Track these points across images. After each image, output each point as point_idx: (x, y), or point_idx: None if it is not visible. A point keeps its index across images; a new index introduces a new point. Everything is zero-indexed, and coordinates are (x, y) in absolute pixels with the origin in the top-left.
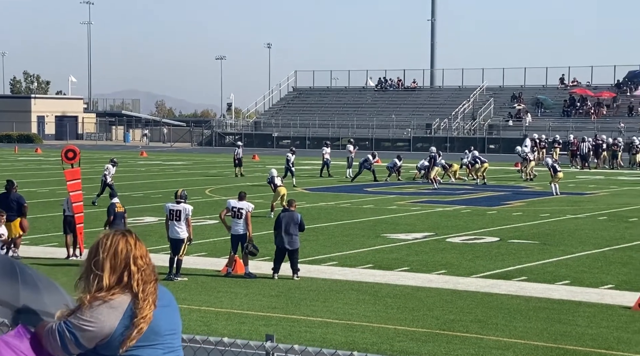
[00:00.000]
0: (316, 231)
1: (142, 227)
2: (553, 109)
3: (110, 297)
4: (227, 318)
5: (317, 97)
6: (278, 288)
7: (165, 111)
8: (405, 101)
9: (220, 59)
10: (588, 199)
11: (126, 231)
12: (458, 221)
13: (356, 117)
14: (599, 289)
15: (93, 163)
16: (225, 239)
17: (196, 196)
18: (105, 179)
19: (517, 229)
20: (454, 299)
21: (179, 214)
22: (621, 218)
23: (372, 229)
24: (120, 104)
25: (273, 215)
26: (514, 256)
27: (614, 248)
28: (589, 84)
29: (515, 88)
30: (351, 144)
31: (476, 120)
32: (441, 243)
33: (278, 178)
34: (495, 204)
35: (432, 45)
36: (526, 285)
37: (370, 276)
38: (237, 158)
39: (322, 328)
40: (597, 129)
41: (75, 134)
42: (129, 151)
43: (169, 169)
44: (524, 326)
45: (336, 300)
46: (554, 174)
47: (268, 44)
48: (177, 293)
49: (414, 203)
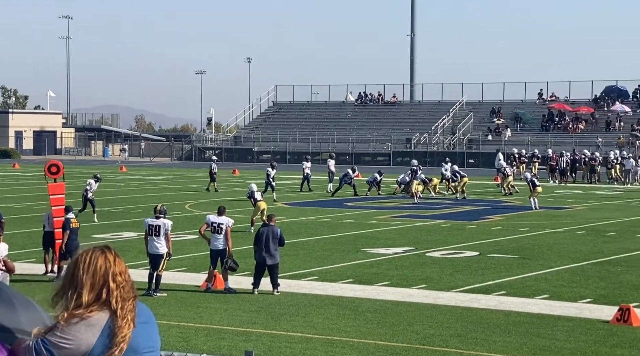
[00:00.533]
0: (296, 246)
1: (121, 242)
2: (532, 123)
3: (88, 314)
4: (206, 333)
5: (297, 111)
6: (258, 303)
7: (145, 125)
8: (385, 115)
9: (200, 74)
10: (566, 213)
11: (105, 247)
12: (438, 235)
13: (336, 131)
14: (578, 303)
15: (72, 178)
16: (205, 254)
17: (176, 211)
18: (86, 194)
19: (496, 243)
20: (433, 313)
21: (158, 230)
22: (599, 232)
23: (353, 244)
24: (100, 119)
25: (253, 230)
26: (494, 270)
27: (592, 262)
28: (567, 99)
29: (495, 103)
30: (332, 158)
31: (456, 134)
32: (421, 258)
33: (258, 193)
34: (474, 218)
35: (411, 60)
36: (505, 299)
37: (350, 291)
38: (213, 172)
39: (302, 344)
40: (575, 144)
41: (53, 149)
42: (108, 166)
43: (149, 184)
44: (504, 341)
45: (316, 314)
46: (533, 188)
47: (248, 58)
48: (156, 309)
49: (394, 218)
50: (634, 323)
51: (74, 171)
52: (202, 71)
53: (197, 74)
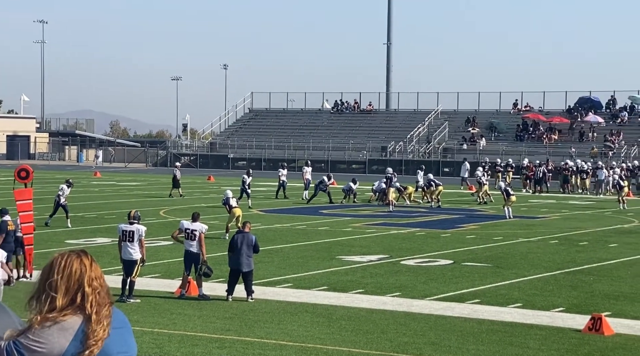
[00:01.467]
0: (271, 253)
1: (95, 248)
2: (506, 133)
3: (61, 318)
4: (180, 340)
5: (273, 118)
6: (232, 310)
7: (120, 131)
8: (361, 123)
9: (176, 80)
10: (540, 222)
11: (81, 251)
12: (413, 243)
13: (312, 139)
14: (550, 312)
15: (45, 183)
16: (179, 261)
17: (150, 217)
18: (58, 200)
19: (470, 252)
20: (407, 321)
21: (132, 235)
22: (572, 241)
23: (327, 251)
24: (74, 124)
25: (228, 236)
26: (468, 279)
27: (565, 272)
28: (541, 109)
29: (470, 112)
30: (308, 166)
31: (431, 143)
32: (396, 266)
33: (233, 199)
34: (449, 227)
35: (387, 69)
36: (479, 308)
37: (324, 299)
38: (176, 179)
39: (276, 351)
40: (549, 154)
41: (27, 154)
42: (83, 171)
43: (123, 189)
44: (477, 349)
45: (290, 322)
46: (507, 197)
47: (225, 65)
48: (130, 315)
49: (369, 225)
50: (605, 332)
51: (48, 176)
52: (178, 77)
53: (173, 80)
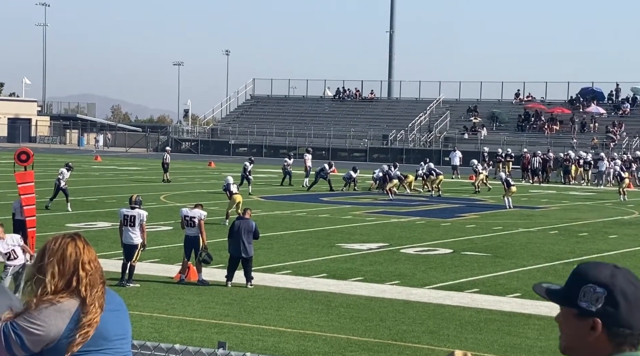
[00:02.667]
0: (271, 240)
1: (95, 232)
2: (508, 123)
3: (58, 300)
4: (179, 325)
5: (274, 105)
6: (231, 296)
7: (121, 115)
8: (363, 111)
9: (178, 65)
10: (540, 213)
11: (75, 234)
12: (412, 232)
13: (313, 126)
14: (549, 302)
15: (46, 167)
16: (179, 246)
17: (151, 202)
18: (58, 183)
19: (470, 241)
20: (406, 310)
21: (133, 220)
22: (572, 232)
23: (327, 239)
24: (75, 108)
25: (228, 223)
26: (467, 268)
27: (564, 262)
28: (543, 99)
29: (471, 102)
30: (309, 153)
31: (432, 132)
32: (395, 254)
33: (234, 186)
34: (449, 216)
35: (390, 57)
36: (478, 297)
37: (324, 286)
38: (165, 163)
39: (274, 337)
40: (551, 145)
41: (28, 137)
42: (84, 155)
43: (124, 174)
44: (475, 338)
45: (289, 308)
46: (508, 188)
47: (226, 51)
48: (129, 299)
49: (369, 214)
50: None
51: (48, 159)
52: (180, 63)
53: (175, 65)
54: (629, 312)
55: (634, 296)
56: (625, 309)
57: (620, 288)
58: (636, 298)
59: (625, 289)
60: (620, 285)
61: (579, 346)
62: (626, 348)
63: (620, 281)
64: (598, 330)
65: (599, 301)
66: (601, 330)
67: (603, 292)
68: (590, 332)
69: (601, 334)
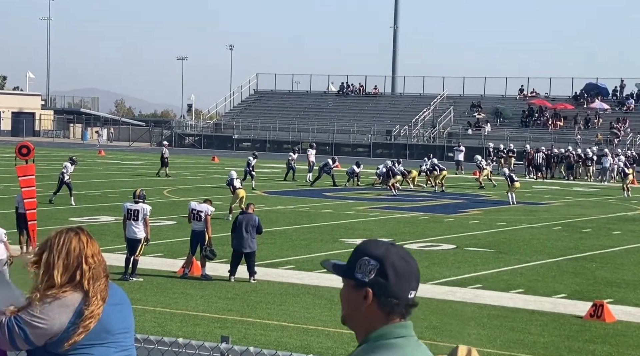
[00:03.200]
0: (274, 235)
1: (98, 226)
2: (512, 119)
3: (61, 294)
4: (182, 319)
5: (278, 100)
6: (234, 291)
7: (125, 110)
8: (366, 106)
9: (182, 60)
10: (544, 209)
11: (78, 228)
12: (415, 227)
13: (317, 121)
14: (552, 298)
15: (50, 161)
16: (182, 241)
17: (154, 197)
18: (62, 177)
19: (473, 237)
20: None
21: (137, 214)
22: (575, 228)
23: (330, 234)
24: (79, 102)
25: (231, 217)
26: (470, 263)
27: (568, 258)
28: (547, 95)
29: (475, 97)
30: (312, 148)
31: (436, 128)
32: None
33: (237, 180)
34: (452, 211)
35: (394, 52)
36: (481, 293)
37: (327, 281)
38: (164, 158)
39: (277, 331)
40: (554, 140)
41: (32, 131)
42: (87, 150)
43: (127, 168)
44: (478, 334)
45: (292, 303)
46: (511, 183)
47: (230, 45)
48: (132, 294)
49: (373, 209)
50: (607, 319)
51: (52, 153)
52: (183, 57)
53: (179, 60)
54: (397, 284)
55: (403, 270)
56: (394, 281)
57: (391, 261)
58: (405, 272)
59: (396, 263)
60: (392, 259)
61: (355, 315)
62: (396, 318)
63: (392, 256)
64: (369, 298)
65: (372, 272)
66: (372, 299)
67: (376, 264)
68: (363, 301)
69: (372, 303)
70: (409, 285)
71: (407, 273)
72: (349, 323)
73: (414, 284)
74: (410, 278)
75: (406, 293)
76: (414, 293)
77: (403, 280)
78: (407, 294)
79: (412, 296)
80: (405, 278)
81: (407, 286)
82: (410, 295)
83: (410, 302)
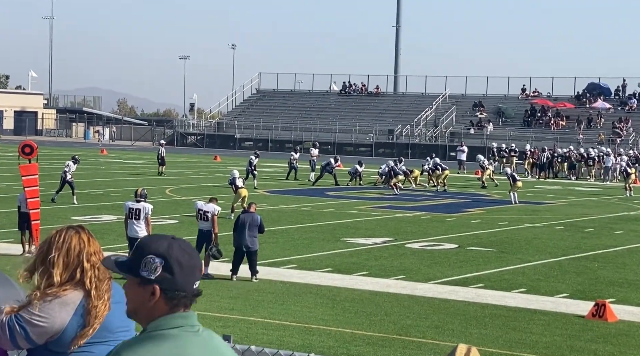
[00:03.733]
0: (276, 234)
1: (100, 225)
2: (514, 118)
3: (62, 293)
4: None
5: (280, 99)
6: (236, 290)
7: (127, 109)
8: (369, 106)
9: (184, 59)
10: (546, 208)
11: (79, 227)
12: (418, 227)
13: (319, 121)
14: (554, 297)
15: (52, 160)
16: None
17: (156, 196)
18: (65, 176)
19: (475, 236)
20: (411, 304)
21: (139, 213)
22: (577, 228)
23: (332, 233)
24: (82, 101)
25: (233, 216)
26: (472, 263)
27: (570, 258)
28: (549, 94)
29: (477, 97)
30: (315, 147)
31: (438, 127)
32: (400, 249)
33: (239, 180)
34: (454, 211)
35: (396, 52)
36: (483, 292)
37: (329, 280)
38: (161, 157)
39: (279, 331)
40: (557, 140)
41: (34, 130)
42: (89, 149)
43: (129, 167)
44: (480, 333)
45: (294, 302)
46: (513, 183)
47: (233, 45)
48: None
49: (375, 208)
50: (609, 318)
51: (54, 152)
52: (186, 56)
53: (181, 59)
54: (183, 277)
55: (187, 264)
56: (180, 275)
57: (175, 257)
58: (189, 266)
59: (180, 258)
60: (175, 255)
61: (141, 309)
62: (180, 308)
63: (176, 252)
64: (157, 295)
65: (157, 270)
66: (160, 294)
67: (161, 262)
68: (151, 297)
69: (160, 298)
70: (193, 277)
71: (191, 266)
72: (134, 317)
73: (197, 275)
74: (194, 270)
75: (191, 285)
76: (198, 283)
77: (188, 273)
78: (193, 285)
79: (197, 286)
80: (190, 271)
81: (192, 278)
82: (195, 286)
83: (195, 292)
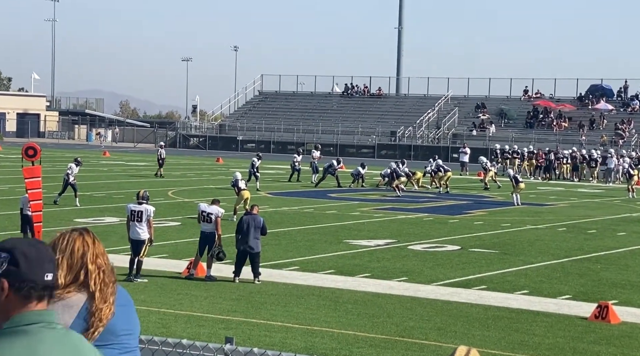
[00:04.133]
0: (279, 236)
1: (103, 227)
2: (516, 120)
3: (65, 295)
4: (186, 320)
5: (282, 101)
6: (239, 292)
7: (130, 111)
8: (371, 108)
9: (187, 61)
10: (548, 210)
11: (83, 229)
12: (420, 228)
13: (322, 122)
14: (557, 299)
15: (55, 162)
16: (186, 242)
17: (158, 198)
18: (67, 178)
19: (478, 238)
20: (413, 306)
21: (141, 215)
22: (580, 229)
23: (335, 235)
24: (84, 103)
25: (236, 218)
26: (475, 265)
27: (572, 259)
28: (551, 96)
29: (480, 98)
30: (317, 149)
31: (440, 129)
32: (403, 250)
33: (242, 182)
34: (457, 212)
35: (398, 53)
36: (485, 294)
37: (331, 282)
38: (161, 159)
39: (281, 333)
40: (559, 142)
41: (37, 132)
42: (92, 151)
43: (132, 169)
44: (482, 335)
45: (297, 304)
46: (516, 185)
47: (235, 46)
48: (137, 295)
49: (377, 210)
50: (611, 320)
51: (57, 154)
52: (188, 58)
53: (184, 61)
54: (29, 268)
55: (34, 256)
56: (26, 266)
57: (21, 250)
58: (36, 258)
59: (25, 251)
60: (21, 248)
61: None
62: (33, 301)
63: (22, 246)
64: (6, 289)
65: (4, 264)
66: (9, 288)
67: (7, 256)
68: (1, 293)
69: (9, 292)
70: (42, 268)
71: (39, 257)
72: None
73: (48, 267)
74: (43, 262)
75: (41, 276)
76: (51, 275)
77: (35, 264)
78: (43, 277)
79: (50, 278)
80: (38, 262)
81: (41, 270)
82: (47, 277)
83: (48, 284)
